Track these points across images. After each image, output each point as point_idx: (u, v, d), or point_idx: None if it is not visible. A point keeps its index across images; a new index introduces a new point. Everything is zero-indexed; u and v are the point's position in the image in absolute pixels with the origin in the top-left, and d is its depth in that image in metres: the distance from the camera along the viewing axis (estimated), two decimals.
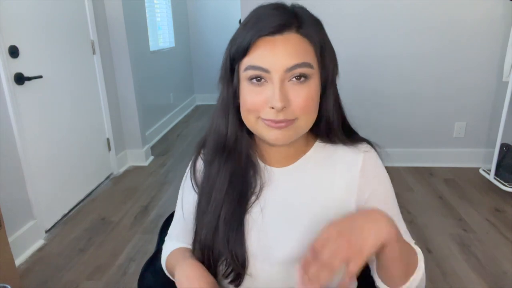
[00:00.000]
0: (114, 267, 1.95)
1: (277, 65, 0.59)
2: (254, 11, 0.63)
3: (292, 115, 0.61)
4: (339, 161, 0.71)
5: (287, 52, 0.58)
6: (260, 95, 0.61)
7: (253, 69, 0.60)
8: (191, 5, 5.32)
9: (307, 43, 0.60)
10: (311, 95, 0.62)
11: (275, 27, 0.58)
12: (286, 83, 0.60)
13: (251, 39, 0.59)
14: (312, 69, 0.61)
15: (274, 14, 0.59)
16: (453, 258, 1.92)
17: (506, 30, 2.68)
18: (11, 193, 1.97)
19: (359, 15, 2.78)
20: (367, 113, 2.97)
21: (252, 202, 0.71)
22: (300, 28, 0.59)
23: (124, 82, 3.12)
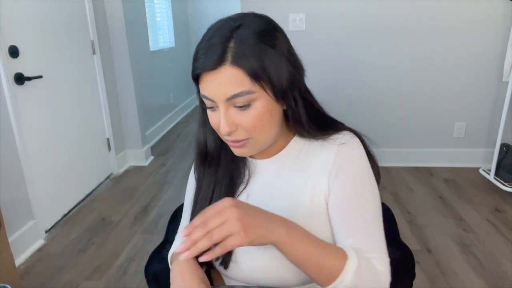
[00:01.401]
0: (114, 267, 1.95)
1: (218, 96, 0.65)
2: (206, 33, 0.68)
3: (242, 136, 0.68)
4: (314, 155, 0.75)
5: (224, 84, 0.64)
6: (216, 118, 0.68)
7: (204, 97, 0.68)
8: (191, 5, 5.33)
9: (242, 73, 0.63)
10: (259, 116, 0.66)
11: (211, 65, 0.63)
12: (231, 109, 0.66)
13: (196, 73, 0.66)
14: (253, 94, 0.64)
15: (214, 48, 0.64)
16: (453, 258, 1.92)
17: (506, 30, 2.68)
18: (11, 193, 1.97)
19: (359, 15, 2.78)
20: (367, 113, 2.97)
21: (240, 191, 0.78)
22: (234, 60, 0.62)
23: (124, 82, 3.12)
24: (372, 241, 0.69)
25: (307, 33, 2.82)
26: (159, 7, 4.42)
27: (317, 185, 0.73)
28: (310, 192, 0.73)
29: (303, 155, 0.76)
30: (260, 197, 0.77)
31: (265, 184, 0.78)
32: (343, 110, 2.95)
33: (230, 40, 0.63)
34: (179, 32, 4.95)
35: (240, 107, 0.65)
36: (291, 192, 0.75)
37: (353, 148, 0.73)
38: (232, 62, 0.62)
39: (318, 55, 2.87)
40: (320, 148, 0.75)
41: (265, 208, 0.72)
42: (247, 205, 0.62)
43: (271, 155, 0.78)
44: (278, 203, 0.74)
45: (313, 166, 0.74)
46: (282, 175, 0.76)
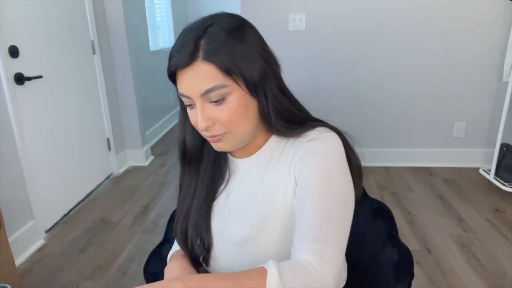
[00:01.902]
0: (114, 267, 1.95)
1: (193, 92, 0.67)
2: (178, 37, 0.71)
3: (220, 130, 0.70)
4: (288, 153, 0.75)
5: (197, 80, 0.66)
6: (195, 116, 0.70)
7: (181, 95, 0.70)
8: (191, 5, 5.33)
9: (213, 67, 0.65)
10: (233, 109, 0.68)
11: (184, 62, 0.66)
12: (208, 105, 0.68)
13: (171, 71, 0.69)
14: (227, 87, 0.66)
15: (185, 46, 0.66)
16: (453, 258, 1.92)
17: (506, 30, 2.68)
18: (11, 193, 1.97)
19: (359, 15, 2.78)
20: (367, 113, 2.97)
21: (221, 190, 0.80)
22: (205, 56, 0.65)
23: (124, 82, 3.13)
24: (322, 248, 0.61)
25: (307, 33, 2.82)
26: (159, 7, 4.42)
27: (287, 184, 0.73)
28: (283, 191, 0.73)
29: (278, 153, 0.76)
30: (238, 196, 0.78)
31: (243, 183, 0.79)
32: (342, 110, 2.96)
33: (201, 38, 0.66)
34: (179, 32, 4.89)
35: (215, 102, 0.67)
36: (267, 192, 0.75)
37: (321, 142, 0.70)
38: (203, 58, 0.65)
39: (318, 55, 2.87)
40: (292, 146, 0.74)
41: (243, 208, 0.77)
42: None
43: (250, 153, 0.79)
44: (255, 202, 0.75)
45: (284, 165, 0.74)
46: (258, 174, 0.77)
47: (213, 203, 0.80)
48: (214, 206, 0.80)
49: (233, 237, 0.76)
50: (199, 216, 0.79)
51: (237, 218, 0.77)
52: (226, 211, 0.78)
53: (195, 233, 0.79)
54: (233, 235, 0.76)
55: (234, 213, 0.78)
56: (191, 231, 0.80)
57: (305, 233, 0.63)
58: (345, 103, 2.94)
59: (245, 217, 0.76)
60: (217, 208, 0.80)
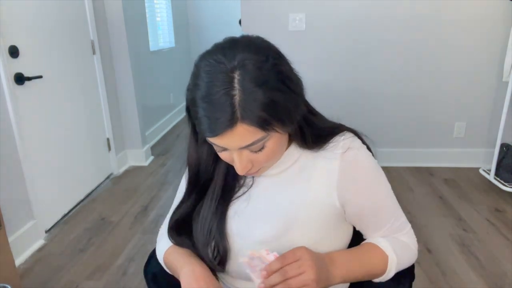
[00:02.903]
0: (114, 267, 1.95)
1: (230, 147, 0.65)
2: (198, 84, 0.63)
3: (256, 168, 0.71)
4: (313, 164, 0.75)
5: (237, 139, 0.63)
6: (227, 154, 0.68)
7: (212, 143, 0.67)
8: (191, 5, 5.32)
9: (253, 127, 0.61)
10: (273, 150, 0.68)
11: (223, 128, 0.61)
12: (245, 151, 0.67)
13: (203, 133, 0.64)
14: (267, 137, 0.65)
15: (217, 112, 0.60)
16: (453, 258, 1.92)
17: (506, 30, 2.68)
18: (11, 193, 1.97)
19: (359, 15, 2.78)
20: (367, 113, 2.97)
21: (241, 194, 0.79)
22: (242, 118, 0.60)
23: (124, 82, 3.12)
24: (397, 225, 0.79)
25: (307, 33, 2.82)
26: (159, 7, 4.41)
27: (320, 197, 0.74)
28: (310, 203, 0.74)
29: (302, 164, 0.76)
30: (261, 197, 0.77)
31: (263, 192, 0.78)
32: (342, 110, 2.95)
33: (233, 95, 0.59)
34: (179, 32, 4.94)
35: (254, 151, 0.67)
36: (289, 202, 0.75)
37: (358, 149, 0.75)
38: (242, 120, 0.60)
39: (318, 55, 2.87)
40: (321, 156, 0.75)
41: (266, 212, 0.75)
42: (316, 257, 0.67)
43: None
44: (279, 201, 0.75)
45: (314, 177, 0.74)
46: (280, 184, 0.76)
47: (227, 207, 0.79)
48: (231, 209, 0.79)
49: (255, 235, 0.75)
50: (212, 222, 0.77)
51: (260, 219, 0.76)
52: (247, 212, 0.77)
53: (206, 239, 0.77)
54: (256, 233, 0.75)
55: (257, 214, 0.77)
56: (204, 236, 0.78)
57: (390, 228, 0.79)
58: (345, 103, 2.94)
59: (271, 216, 0.75)
60: (236, 210, 0.78)
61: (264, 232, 0.74)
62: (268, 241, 0.74)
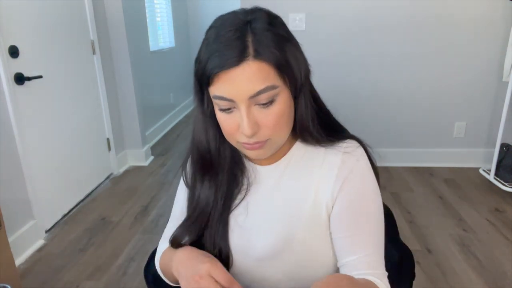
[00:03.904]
0: (114, 267, 1.95)
1: (239, 95, 0.60)
2: (214, 30, 0.63)
3: (263, 137, 0.64)
4: (318, 162, 0.72)
5: (247, 81, 0.59)
6: (232, 120, 0.64)
7: (219, 99, 0.62)
8: (191, 5, 5.32)
9: (266, 66, 0.59)
10: (281, 112, 0.63)
11: (232, 62, 0.58)
12: (253, 108, 0.62)
13: (211, 72, 0.60)
14: (277, 89, 0.61)
15: (231, 44, 0.59)
16: (453, 258, 1.92)
17: (506, 30, 2.68)
18: (11, 193, 1.97)
19: (359, 15, 2.78)
20: (367, 113, 2.97)
21: (238, 202, 0.74)
22: (256, 54, 0.59)
23: (124, 82, 3.12)
24: (377, 257, 0.68)
25: (307, 33, 2.82)
26: (159, 7, 4.41)
27: (319, 195, 0.71)
28: (312, 203, 0.71)
29: (305, 162, 0.73)
30: (259, 207, 0.74)
31: (265, 193, 0.74)
32: (342, 110, 2.94)
33: (247, 34, 0.59)
34: (179, 32, 4.94)
35: (263, 104, 0.61)
36: (292, 202, 0.72)
37: (358, 159, 0.71)
38: (255, 55, 0.58)
39: (318, 55, 2.87)
40: (324, 155, 0.72)
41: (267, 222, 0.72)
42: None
43: (273, 161, 0.74)
44: (278, 214, 0.72)
45: (316, 175, 0.71)
46: (283, 183, 0.73)
47: (229, 215, 0.74)
48: (231, 218, 0.75)
49: (256, 252, 0.72)
50: (216, 230, 0.74)
51: (259, 232, 0.72)
52: (246, 224, 0.74)
53: (211, 247, 0.74)
54: (257, 250, 0.72)
55: (256, 226, 0.73)
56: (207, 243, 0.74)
57: (365, 259, 0.67)
58: (345, 103, 2.94)
59: (270, 230, 0.72)
60: (236, 221, 0.74)
61: (264, 250, 0.72)
62: (267, 257, 0.72)
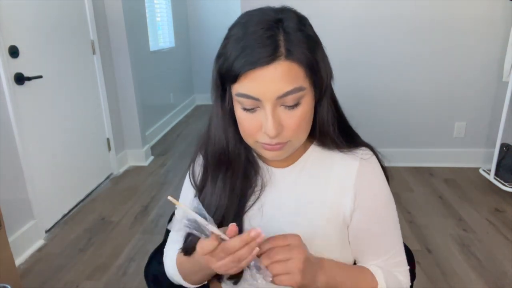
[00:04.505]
0: (114, 267, 1.95)
1: (267, 94, 0.59)
2: (241, 26, 0.61)
3: (285, 138, 0.63)
4: (335, 166, 0.72)
5: (277, 81, 0.58)
6: (255, 120, 0.62)
7: (244, 97, 0.60)
8: (191, 5, 5.32)
9: (297, 67, 0.59)
10: (304, 115, 0.63)
11: (265, 61, 0.57)
12: (278, 109, 0.61)
13: (240, 70, 0.58)
14: (304, 91, 0.61)
15: (263, 42, 0.57)
16: (453, 258, 1.92)
17: (506, 30, 2.68)
18: (11, 193, 1.97)
19: (359, 15, 2.78)
20: (367, 113, 2.97)
21: (252, 203, 0.73)
22: (288, 53, 0.58)
23: (124, 82, 3.12)
24: (397, 259, 0.74)
25: None
26: (159, 7, 4.41)
27: (336, 202, 0.71)
28: (329, 209, 0.71)
29: (321, 165, 0.72)
30: (275, 209, 0.73)
31: (280, 195, 0.73)
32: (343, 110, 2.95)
33: (278, 33, 0.58)
34: (179, 32, 4.94)
35: (289, 106, 0.60)
36: (308, 206, 0.71)
37: (374, 168, 0.73)
38: (287, 55, 0.57)
39: None
40: (340, 161, 0.72)
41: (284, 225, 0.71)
42: (307, 251, 0.63)
43: (288, 163, 0.73)
44: (294, 217, 0.72)
45: (332, 179, 0.71)
46: (298, 186, 0.72)
47: (243, 216, 0.72)
48: (245, 220, 0.73)
49: None
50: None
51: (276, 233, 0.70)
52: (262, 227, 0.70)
53: None
54: None
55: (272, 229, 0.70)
56: None
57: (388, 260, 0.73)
58: (344, 103, 2.92)
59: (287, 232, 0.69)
60: (250, 223, 0.72)
61: None
62: None
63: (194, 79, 5.55)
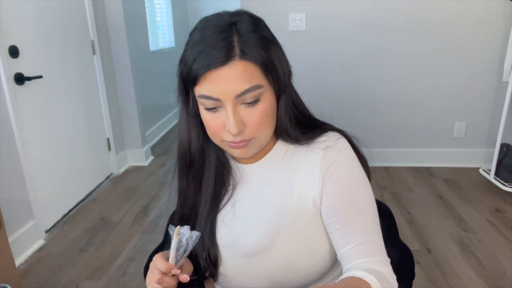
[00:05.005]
0: (114, 267, 1.95)
1: (226, 94, 0.61)
2: (198, 31, 0.64)
3: (249, 135, 0.66)
4: (300, 158, 0.73)
5: (234, 80, 0.60)
6: (218, 119, 0.65)
7: (204, 98, 0.63)
8: (191, 5, 5.33)
9: (252, 66, 0.61)
10: (265, 111, 0.65)
11: (219, 62, 0.59)
12: (239, 107, 0.63)
13: (197, 72, 0.61)
14: (262, 88, 0.63)
15: (217, 45, 0.60)
16: (453, 258, 1.92)
17: (506, 30, 2.68)
18: (11, 193, 1.97)
19: (359, 15, 2.78)
20: (367, 113, 2.97)
21: (225, 202, 0.76)
22: (243, 54, 0.60)
23: (124, 82, 3.12)
24: (373, 244, 0.68)
25: (307, 33, 2.82)
26: (159, 7, 4.42)
27: (304, 191, 0.71)
28: (297, 199, 0.72)
29: (288, 159, 0.74)
30: (246, 205, 0.75)
31: (251, 191, 0.75)
32: (342, 110, 2.96)
33: (232, 35, 0.61)
34: (179, 32, 4.94)
35: (248, 104, 0.63)
36: (277, 199, 0.73)
37: (340, 150, 0.71)
38: (241, 55, 0.60)
39: (318, 55, 2.87)
40: (305, 152, 0.73)
41: (253, 218, 0.73)
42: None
43: (256, 159, 0.75)
44: (264, 211, 0.73)
45: (299, 172, 0.72)
46: (267, 181, 0.74)
47: (217, 215, 0.76)
48: (218, 218, 0.76)
49: (243, 249, 0.73)
50: (204, 230, 0.75)
51: (246, 229, 0.73)
52: (233, 222, 0.75)
53: (200, 247, 0.75)
54: (243, 247, 0.73)
55: (243, 224, 0.74)
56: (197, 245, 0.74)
57: (360, 247, 0.67)
58: (345, 103, 2.94)
59: (256, 227, 0.73)
60: (223, 220, 0.76)
61: (251, 246, 0.73)
62: (255, 254, 0.72)
63: None
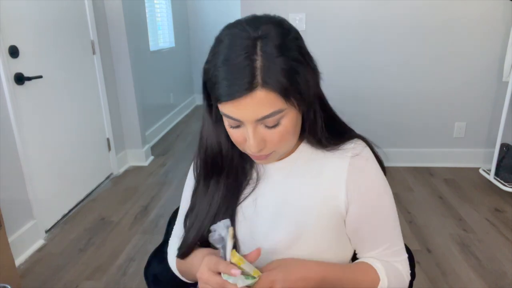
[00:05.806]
0: (114, 267, 1.95)
1: (247, 118, 0.62)
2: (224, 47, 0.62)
3: (269, 150, 0.67)
4: (326, 162, 0.74)
5: (254, 107, 0.61)
6: (239, 133, 0.66)
7: (226, 117, 0.65)
8: (191, 5, 5.32)
9: (273, 94, 0.60)
10: (287, 130, 0.65)
11: (241, 93, 0.59)
12: (259, 127, 0.64)
13: (219, 98, 0.61)
14: (284, 111, 0.63)
15: (239, 73, 0.59)
16: (453, 258, 1.92)
17: (506, 30, 2.68)
18: (11, 193, 1.97)
19: (359, 15, 2.78)
20: (367, 113, 2.97)
21: (246, 194, 0.76)
22: (265, 83, 0.59)
23: (124, 82, 3.12)
24: (396, 249, 0.76)
25: (307, 33, 2.82)
26: (159, 7, 4.41)
27: (328, 196, 0.72)
28: (320, 201, 0.72)
29: (313, 162, 0.74)
30: (269, 202, 0.75)
31: (273, 189, 0.75)
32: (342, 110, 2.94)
33: (255, 60, 0.59)
34: (179, 32, 4.94)
35: (269, 126, 0.64)
36: (300, 199, 0.73)
37: (367, 159, 0.73)
38: (263, 84, 0.59)
39: (318, 55, 2.86)
40: (332, 157, 0.73)
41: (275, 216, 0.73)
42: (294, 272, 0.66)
43: (280, 158, 0.75)
44: (287, 211, 0.73)
45: (324, 176, 0.73)
46: (290, 180, 0.75)
47: (237, 207, 0.76)
48: (239, 210, 0.76)
49: (265, 246, 0.72)
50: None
51: (268, 226, 0.73)
52: (254, 218, 0.75)
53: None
54: (266, 244, 0.72)
55: (263, 221, 0.74)
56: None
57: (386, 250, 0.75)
58: (345, 103, 2.93)
59: (278, 226, 0.72)
60: (243, 213, 0.75)
61: (273, 243, 0.72)
62: (275, 252, 0.72)
63: (194, 79, 5.54)
